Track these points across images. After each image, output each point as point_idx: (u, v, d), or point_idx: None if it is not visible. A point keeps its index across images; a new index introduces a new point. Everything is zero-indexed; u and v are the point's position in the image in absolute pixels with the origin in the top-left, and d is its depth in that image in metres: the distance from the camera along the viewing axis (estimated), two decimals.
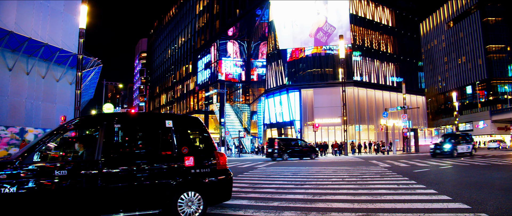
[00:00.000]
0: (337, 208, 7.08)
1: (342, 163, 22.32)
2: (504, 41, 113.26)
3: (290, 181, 12.12)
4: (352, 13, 51.46)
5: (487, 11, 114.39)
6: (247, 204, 7.63)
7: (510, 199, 7.61)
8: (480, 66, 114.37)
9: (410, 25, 64.04)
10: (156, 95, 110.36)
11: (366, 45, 53.68)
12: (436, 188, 9.33)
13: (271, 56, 54.74)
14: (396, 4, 61.22)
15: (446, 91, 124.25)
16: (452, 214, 6.22)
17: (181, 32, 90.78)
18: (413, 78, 61.21)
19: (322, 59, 51.14)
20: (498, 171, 14.38)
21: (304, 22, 51.17)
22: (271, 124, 53.68)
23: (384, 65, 55.96)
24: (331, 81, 49.37)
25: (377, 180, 11.79)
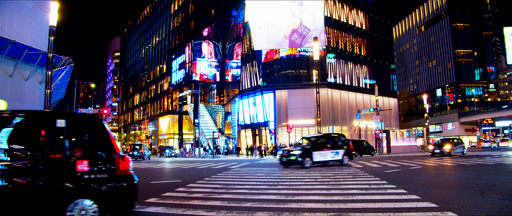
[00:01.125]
0: (309, 208, 7.07)
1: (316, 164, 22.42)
2: (471, 47, 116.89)
3: (263, 182, 12.08)
4: (326, 16, 51.95)
5: (456, 17, 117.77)
6: (220, 205, 7.57)
7: (474, 197, 7.78)
8: (450, 70, 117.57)
9: (383, 29, 65.18)
10: (130, 95, 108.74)
11: (340, 48, 54.29)
12: (406, 188, 9.45)
13: (246, 57, 54.70)
14: (369, 8, 62.22)
15: (417, 93, 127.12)
16: (421, 213, 6.30)
17: (155, 32, 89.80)
18: (385, 81, 62.29)
19: (297, 61, 51.44)
20: (464, 171, 14.75)
21: (279, 24, 51.35)
22: (246, 124, 53.62)
23: (357, 67, 56.74)
24: (305, 83, 49.70)
25: (349, 180, 11.88)
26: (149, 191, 10.23)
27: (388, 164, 20.13)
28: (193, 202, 8.02)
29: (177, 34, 77.27)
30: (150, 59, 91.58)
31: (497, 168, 15.55)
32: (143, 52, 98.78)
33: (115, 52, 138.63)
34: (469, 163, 18.82)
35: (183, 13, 75.51)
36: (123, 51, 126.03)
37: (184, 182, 12.37)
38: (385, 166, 18.61)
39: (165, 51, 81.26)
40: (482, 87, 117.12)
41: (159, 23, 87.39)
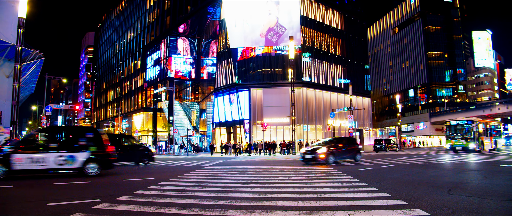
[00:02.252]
0: (282, 206, 7.11)
1: (290, 162, 22.60)
2: (442, 49, 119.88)
3: (236, 180, 12.08)
4: (303, 15, 52.26)
5: (428, 20, 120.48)
6: (192, 203, 7.52)
7: (442, 195, 7.99)
8: (422, 71, 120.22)
9: (358, 29, 66.02)
10: (103, 91, 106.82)
11: (316, 47, 54.70)
12: (377, 186, 9.61)
13: (221, 54, 54.52)
14: (345, 9, 62.90)
15: (390, 93, 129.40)
16: (391, 211, 6.41)
17: (130, 27, 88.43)
18: (359, 81, 63.14)
19: (272, 59, 51.58)
20: (433, 169, 15.11)
21: (256, 22, 51.37)
22: (221, 122, 53.48)
23: (332, 67, 57.31)
24: (281, 81, 49.89)
25: (322, 179, 11.99)
26: (120, 189, 10.10)
27: (361, 162, 20.44)
28: (165, 200, 7.95)
29: (152, 30, 76.31)
30: (125, 55, 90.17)
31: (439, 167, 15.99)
32: (117, 48, 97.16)
33: (88, 47, 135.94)
34: (438, 162, 19.26)
35: (158, 9, 74.60)
36: (96, 46, 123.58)
37: (156, 179, 12.25)
38: (357, 164, 18.89)
39: (140, 47, 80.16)
40: (452, 89, 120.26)
41: (134, 18, 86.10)
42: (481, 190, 8.78)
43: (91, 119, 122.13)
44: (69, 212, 6.68)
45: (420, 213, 6.19)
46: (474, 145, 29.40)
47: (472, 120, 30.48)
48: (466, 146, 29.75)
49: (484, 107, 76.20)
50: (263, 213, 6.46)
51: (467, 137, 29.94)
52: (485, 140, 32.06)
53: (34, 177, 13.06)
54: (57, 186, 10.93)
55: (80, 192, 9.73)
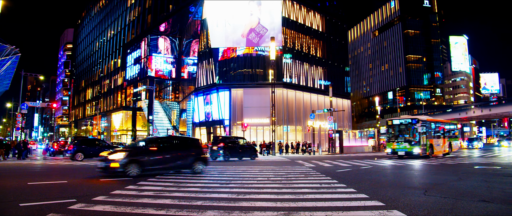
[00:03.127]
0: (260, 207, 7.11)
1: (269, 163, 22.63)
2: (421, 53, 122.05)
3: (215, 180, 12.05)
4: (284, 16, 52.45)
5: (408, 24, 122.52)
6: (170, 203, 7.47)
7: (418, 196, 8.14)
8: (401, 74, 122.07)
9: (339, 32, 66.62)
10: (82, 89, 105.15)
11: (297, 48, 54.97)
12: (355, 187, 9.70)
13: (202, 54, 54.30)
14: (326, 11, 63.40)
15: (369, 96, 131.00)
16: (368, 211, 6.49)
17: (110, 25, 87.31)
18: (340, 82, 63.72)
19: (253, 60, 51.62)
20: (409, 171, 15.35)
21: (237, 22, 51.31)
22: (201, 122, 53.25)
23: (313, 68, 57.68)
24: (261, 82, 49.96)
25: (301, 180, 12.04)
26: (98, 188, 9.97)
27: (340, 163, 20.59)
28: (143, 200, 7.88)
29: (133, 28, 75.52)
30: (104, 52, 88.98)
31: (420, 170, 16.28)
32: (97, 45, 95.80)
33: (67, 44, 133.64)
34: (414, 163, 19.59)
35: (140, 7, 73.89)
36: (75, 43, 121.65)
37: (134, 180, 12.12)
38: (336, 165, 19.02)
39: (120, 45, 79.21)
40: (429, 92, 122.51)
41: (115, 16, 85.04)
42: (455, 191, 8.96)
43: (69, 117, 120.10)
44: (43, 213, 6.55)
45: (397, 213, 6.28)
46: (419, 149, 23.99)
47: (418, 119, 24.85)
48: (410, 150, 24.31)
49: (460, 110, 77.94)
50: (241, 213, 6.46)
51: (411, 140, 24.59)
52: (435, 143, 26.51)
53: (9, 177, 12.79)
54: (31, 186, 10.71)
55: (56, 192, 9.56)
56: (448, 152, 29.23)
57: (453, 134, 32.09)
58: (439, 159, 23.45)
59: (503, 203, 7.36)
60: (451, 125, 32.75)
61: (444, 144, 28.42)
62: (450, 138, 30.23)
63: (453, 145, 30.82)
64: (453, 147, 30.84)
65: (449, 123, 32.59)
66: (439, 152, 27.45)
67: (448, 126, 31.35)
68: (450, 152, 29.75)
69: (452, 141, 30.58)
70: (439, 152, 27.45)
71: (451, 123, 33.09)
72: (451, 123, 33.33)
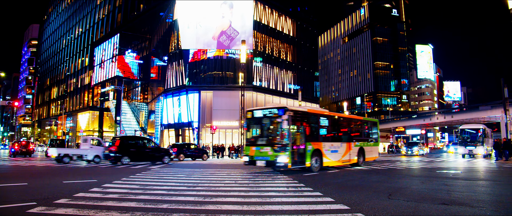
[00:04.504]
0: (227, 210, 7.12)
1: (237, 166, 22.62)
2: (388, 60, 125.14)
3: (182, 183, 11.95)
4: (256, 20, 52.64)
5: (376, 32, 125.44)
6: (135, 206, 7.36)
7: (383, 199, 8.31)
8: (369, 80, 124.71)
9: (310, 37, 67.42)
10: (46, 88, 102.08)
11: (267, 52, 55.26)
12: (322, 191, 9.80)
13: (172, 55, 53.81)
14: (298, 16, 64.06)
15: (338, 101, 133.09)
16: (333, 214, 6.60)
17: (79, 22, 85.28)
18: (309, 87, 64.43)
19: (224, 63, 51.55)
20: (376, 175, 15.65)
21: (209, 24, 51.14)
22: (169, 124, 52.72)
23: (283, 72, 58.11)
24: (231, 85, 49.92)
25: (269, 183, 12.08)
26: (60, 191, 9.71)
27: None
28: (107, 203, 7.74)
29: (102, 27, 74.09)
30: (71, 50, 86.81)
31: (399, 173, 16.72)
32: (64, 43, 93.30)
33: (31, 40, 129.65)
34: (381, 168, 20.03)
35: (110, 5, 72.57)
36: (41, 40, 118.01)
37: (99, 182, 11.88)
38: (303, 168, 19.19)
39: (89, 44, 77.54)
40: (396, 98, 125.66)
41: (84, 13, 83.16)
42: (418, 195, 9.23)
43: (33, 116, 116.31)
44: None
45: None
46: (286, 157, 15.00)
47: (286, 108, 15.39)
48: (272, 159, 15.39)
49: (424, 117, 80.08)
50: None
51: (277, 143, 15.47)
52: (327, 149, 17.86)
53: None
54: None
55: (15, 195, 9.27)
56: (358, 162, 20.89)
57: (370, 136, 23.68)
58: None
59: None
60: (367, 122, 24.34)
61: (349, 151, 19.85)
62: (364, 141, 22.19)
63: (369, 151, 22.38)
64: (369, 153, 22.45)
65: (359, 119, 24.48)
66: (337, 162, 18.77)
67: (355, 122, 23.46)
68: (362, 162, 21.30)
69: (367, 145, 22.30)
70: (337, 162, 18.77)
71: (366, 120, 24.73)
72: (366, 119, 24.85)
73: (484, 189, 10.84)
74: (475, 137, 32.99)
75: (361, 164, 21.44)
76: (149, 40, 65.79)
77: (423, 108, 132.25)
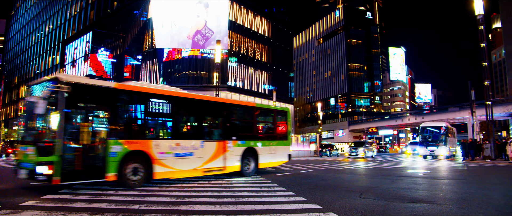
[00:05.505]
0: (199, 210, 7.05)
1: None
2: (362, 61, 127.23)
3: (155, 183, 11.80)
4: (231, 20, 52.58)
5: (351, 34, 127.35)
6: (106, 207, 7.23)
7: (354, 199, 8.41)
8: (343, 81, 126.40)
9: (285, 38, 67.77)
10: (14, 86, 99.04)
11: (242, 52, 55.27)
12: (294, 190, 9.83)
13: (147, 54, 53.17)
14: (273, 17, 64.31)
15: (313, 101, 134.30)
16: (305, 214, 6.62)
17: (49, 18, 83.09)
18: (284, 88, 64.75)
19: (199, 62, 51.28)
20: (348, 174, 15.85)
21: (184, 24, 50.78)
22: None
23: (258, 73, 58.23)
24: (206, 85, 49.71)
25: (242, 183, 12.05)
26: (27, 192, 9.41)
27: (281, 167, 20.84)
28: (77, 204, 7.55)
29: (74, 24, 72.41)
30: (42, 48, 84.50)
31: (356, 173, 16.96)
32: (33, 40, 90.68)
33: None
34: (353, 167, 20.29)
35: (82, 2, 70.97)
36: (7, 36, 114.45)
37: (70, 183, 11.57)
38: (278, 169, 19.23)
39: (60, 41, 75.65)
40: (369, 99, 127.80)
41: (55, 9, 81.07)
42: (389, 194, 9.36)
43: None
44: None
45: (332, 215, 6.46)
46: (47, 167, 8.72)
47: (57, 79, 9.09)
48: (33, 168, 9.02)
49: (397, 117, 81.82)
50: None
51: (40, 141, 9.29)
52: (160, 149, 11.26)
53: None
54: None
55: None
56: (242, 170, 14.22)
57: (272, 131, 16.61)
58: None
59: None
60: (264, 112, 17.20)
61: (221, 154, 13.35)
62: (258, 139, 15.20)
63: (268, 154, 15.46)
64: (270, 156, 15.56)
65: (243, 106, 16.42)
66: (190, 172, 12.35)
67: (238, 110, 15.55)
68: (251, 170, 14.63)
69: (266, 145, 15.38)
70: (190, 172, 12.35)
71: (261, 107, 17.12)
72: (260, 106, 17.14)
73: (450, 188, 11.13)
74: (437, 136, 30.55)
75: (250, 173, 14.48)
76: (123, 39, 64.72)
77: (395, 109, 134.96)
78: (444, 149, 29.53)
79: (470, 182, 12.92)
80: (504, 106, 52.09)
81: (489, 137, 29.44)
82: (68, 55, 69.67)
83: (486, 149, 28.39)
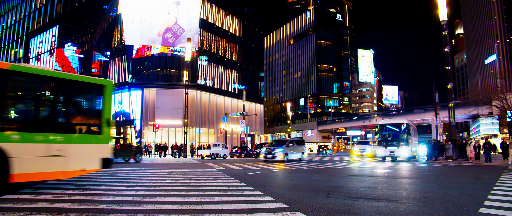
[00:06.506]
0: (166, 209, 7.00)
1: (179, 165, 22.34)
2: (332, 63, 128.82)
3: (121, 183, 11.62)
4: (202, 18, 52.30)
5: (321, 35, 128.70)
6: (69, 207, 7.03)
7: (321, 198, 8.53)
8: (312, 82, 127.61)
9: (256, 37, 67.91)
10: None
11: (213, 51, 55.08)
12: (262, 190, 9.87)
13: (115, 51, 52.20)
14: (244, 16, 64.33)
15: (282, 101, 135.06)
16: (272, 213, 6.66)
17: (12, 10, 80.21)
18: (254, 87, 64.90)
19: (168, 60, 50.78)
20: (316, 174, 16.02)
21: (154, 20, 50.13)
22: None
23: (228, 72, 58.15)
24: (175, 83, 49.32)
25: (210, 182, 12.03)
26: None
27: (250, 166, 20.87)
28: (38, 205, 7.34)
29: (39, 17, 70.24)
30: (3, 40, 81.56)
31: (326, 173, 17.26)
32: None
33: None
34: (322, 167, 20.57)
35: None
36: None
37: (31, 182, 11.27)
38: (246, 168, 19.26)
39: (24, 34, 73.22)
40: (338, 100, 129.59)
41: (18, 1, 78.39)
42: (354, 193, 9.56)
43: None
44: None
45: (299, 215, 6.55)
46: None
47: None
48: None
49: (364, 118, 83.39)
50: None
51: None
52: None
53: None
54: None
55: None
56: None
57: (61, 117, 10.36)
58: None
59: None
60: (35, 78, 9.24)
61: None
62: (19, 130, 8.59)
63: (46, 159, 8.91)
64: (48, 163, 8.99)
65: None
66: None
67: None
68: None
69: (39, 140, 8.77)
70: None
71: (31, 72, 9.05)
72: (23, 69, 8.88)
73: (414, 187, 11.47)
74: (398, 134, 27.07)
75: None
76: (91, 34, 63.25)
77: (363, 110, 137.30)
78: (406, 149, 26.23)
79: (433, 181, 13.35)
80: (465, 108, 53.93)
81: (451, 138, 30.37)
82: (33, 49, 67.56)
83: (448, 149, 29.37)
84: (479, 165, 22.94)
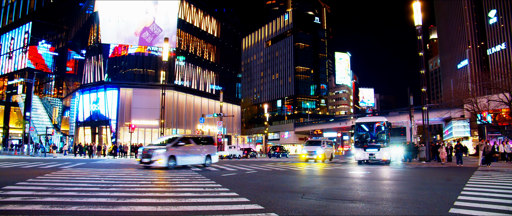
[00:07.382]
0: (140, 211, 6.95)
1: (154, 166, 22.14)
2: (309, 65, 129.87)
3: (95, 184, 11.46)
4: (180, 18, 52.01)
5: (299, 37, 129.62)
6: (40, 209, 6.89)
7: (296, 199, 8.62)
8: (290, 83, 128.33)
9: (234, 39, 67.94)
10: None
11: (191, 51, 54.84)
12: (238, 191, 9.90)
13: (91, 49, 51.36)
14: (222, 17, 64.29)
15: (260, 103, 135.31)
16: (247, 214, 6.70)
17: None
18: (231, 88, 64.90)
19: (145, 60, 50.30)
20: (292, 175, 16.15)
21: (131, 19, 49.60)
22: (85, 121, 50.21)
23: (205, 72, 57.98)
24: (152, 83, 48.91)
25: (186, 183, 11.99)
26: None
27: (226, 168, 20.88)
28: (7, 207, 7.17)
29: (11, 12, 68.54)
30: None
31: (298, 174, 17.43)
32: None
33: None
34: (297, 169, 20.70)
35: None
36: None
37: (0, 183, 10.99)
38: (223, 169, 19.25)
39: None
40: (315, 102, 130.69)
41: None
42: (329, 194, 9.69)
43: None
44: None
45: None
46: None
47: None
48: None
49: (341, 120, 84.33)
50: None
51: None
52: None
53: None
54: None
55: None
56: None
57: None
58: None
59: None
60: None
61: None
62: None
63: None
64: None
65: None
66: None
67: None
68: None
69: None
70: None
71: None
72: None
73: (388, 188, 11.68)
74: (376, 135, 24.39)
75: None
76: (66, 32, 62.07)
77: (340, 112, 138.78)
78: (387, 151, 23.62)
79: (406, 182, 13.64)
80: (438, 111, 55.20)
81: (425, 140, 31.03)
82: (4, 46, 65.83)
83: (421, 151, 30.02)
84: (450, 167, 23.58)
